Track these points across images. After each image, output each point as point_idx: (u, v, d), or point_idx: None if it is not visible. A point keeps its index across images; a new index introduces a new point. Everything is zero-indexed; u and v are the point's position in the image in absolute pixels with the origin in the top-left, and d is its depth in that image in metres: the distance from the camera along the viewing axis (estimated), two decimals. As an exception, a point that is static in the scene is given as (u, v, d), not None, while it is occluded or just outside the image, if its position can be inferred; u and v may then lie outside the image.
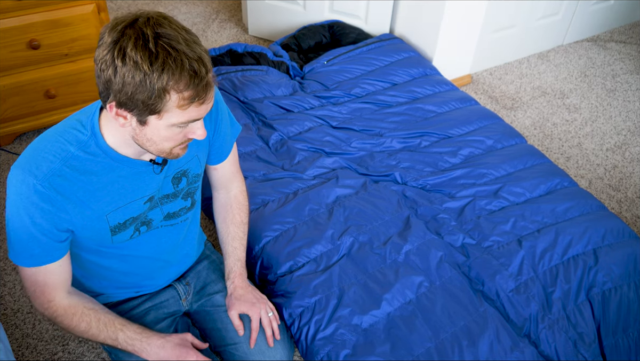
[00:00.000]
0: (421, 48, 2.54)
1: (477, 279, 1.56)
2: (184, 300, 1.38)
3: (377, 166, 1.90)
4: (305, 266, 1.55)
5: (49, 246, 1.06)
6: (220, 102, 1.25)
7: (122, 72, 0.89)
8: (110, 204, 1.09)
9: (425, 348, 1.39)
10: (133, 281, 1.29)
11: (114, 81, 0.91)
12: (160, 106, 0.92)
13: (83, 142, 1.04)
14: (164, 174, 1.16)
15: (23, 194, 1.00)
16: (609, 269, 1.58)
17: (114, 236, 1.14)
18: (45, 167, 1.01)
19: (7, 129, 2.10)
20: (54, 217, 1.03)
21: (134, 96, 0.91)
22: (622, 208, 2.12)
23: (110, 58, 0.90)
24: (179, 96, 0.92)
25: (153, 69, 0.88)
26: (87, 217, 1.07)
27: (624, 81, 2.82)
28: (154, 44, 0.89)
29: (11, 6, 1.83)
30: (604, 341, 1.47)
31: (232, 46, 2.42)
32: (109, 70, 0.90)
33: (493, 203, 1.77)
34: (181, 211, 1.25)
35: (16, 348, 1.56)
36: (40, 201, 1.00)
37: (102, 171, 1.06)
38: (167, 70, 0.89)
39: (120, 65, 0.89)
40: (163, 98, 0.91)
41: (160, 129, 0.97)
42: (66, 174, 1.02)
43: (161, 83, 0.89)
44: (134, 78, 0.89)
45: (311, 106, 2.16)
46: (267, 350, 1.32)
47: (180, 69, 0.89)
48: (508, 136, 2.06)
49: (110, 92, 0.93)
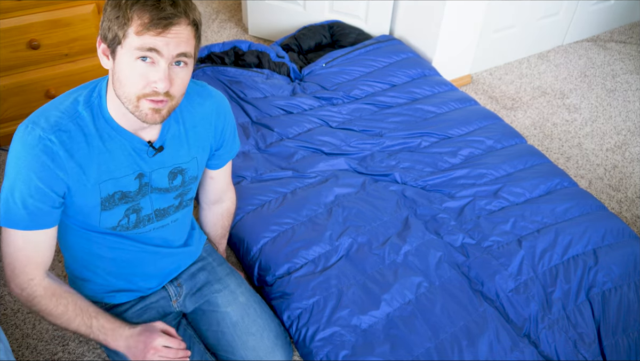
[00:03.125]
0: (421, 48, 2.54)
1: (476, 280, 1.56)
2: (174, 301, 1.37)
3: (376, 166, 1.90)
4: (304, 267, 1.55)
5: (41, 210, 1.06)
6: (229, 113, 1.29)
7: (106, 5, 1.00)
8: (104, 173, 1.10)
9: (424, 349, 1.39)
10: (124, 272, 1.29)
11: (103, 15, 1.01)
12: (123, 31, 0.98)
13: (91, 103, 1.08)
14: (160, 164, 1.16)
15: (27, 144, 1.02)
16: (609, 269, 1.58)
17: (103, 211, 1.13)
18: (53, 120, 1.04)
19: (7, 129, 2.10)
20: (51, 174, 1.04)
21: (109, 24, 0.99)
22: (622, 208, 2.12)
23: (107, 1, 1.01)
24: (139, 22, 0.97)
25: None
26: (82, 182, 1.08)
27: (624, 81, 2.82)
28: None
29: (11, 6, 1.83)
30: (604, 341, 1.47)
31: (236, 43, 2.42)
32: (104, 8, 1.01)
33: (493, 203, 1.77)
34: (169, 209, 1.24)
35: (16, 348, 1.56)
36: (43, 153, 1.03)
37: (102, 137, 1.08)
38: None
39: (110, 1, 1.00)
40: (127, 24, 0.98)
41: (123, 63, 1.00)
42: (72, 131, 1.05)
43: (127, 7, 0.97)
44: (109, 6, 0.99)
45: (310, 107, 2.16)
46: (264, 352, 1.32)
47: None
48: (508, 136, 2.06)
49: (100, 28, 1.02)
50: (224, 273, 1.43)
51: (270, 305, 1.54)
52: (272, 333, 1.37)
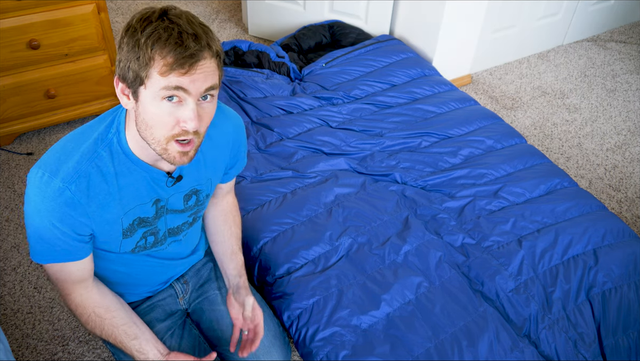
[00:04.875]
0: (421, 48, 2.54)
1: (476, 280, 1.56)
2: (180, 299, 1.38)
3: (376, 166, 1.90)
4: (304, 267, 1.55)
5: (70, 245, 1.06)
6: (243, 133, 1.27)
7: (124, 42, 0.94)
8: (125, 207, 1.09)
9: (424, 349, 1.39)
10: (134, 283, 1.29)
11: (120, 55, 0.95)
12: (145, 72, 0.93)
13: (109, 140, 1.05)
14: (177, 190, 1.16)
15: (47, 197, 1.00)
16: (609, 270, 1.58)
17: (124, 239, 1.14)
18: (72, 168, 1.01)
19: (7, 129, 2.10)
20: (74, 222, 1.03)
21: (128, 64, 0.94)
22: (622, 208, 2.12)
23: (123, 33, 0.95)
24: (162, 62, 0.92)
25: (144, 34, 0.92)
26: (106, 220, 1.07)
27: (624, 81, 2.81)
28: (156, 17, 0.93)
29: (11, 6, 1.83)
30: (604, 341, 1.47)
31: (236, 43, 2.42)
32: (120, 45, 0.95)
33: (493, 203, 1.77)
34: (183, 226, 1.25)
35: (16, 349, 1.56)
36: (64, 205, 1.00)
37: (122, 173, 1.06)
38: (154, 35, 0.92)
39: (124, 36, 0.94)
40: (148, 64, 0.93)
41: (148, 103, 0.96)
42: (92, 175, 1.02)
43: (149, 49, 0.92)
44: (128, 45, 0.93)
45: (310, 107, 2.16)
46: (261, 351, 1.32)
47: (167, 36, 0.92)
48: (508, 136, 2.06)
49: (117, 67, 0.97)
50: None
51: (270, 304, 1.54)
52: (270, 333, 1.37)
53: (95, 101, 2.21)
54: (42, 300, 1.67)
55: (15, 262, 1.78)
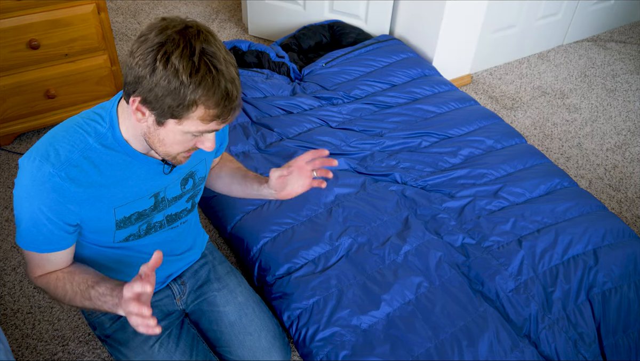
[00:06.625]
0: (421, 48, 2.54)
1: (476, 280, 1.56)
2: (177, 300, 1.38)
3: (376, 166, 1.90)
4: (304, 267, 1.55)
5: (55, 235, 1.07)
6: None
7: (160, 75, 0.92)
8: (120, 199, 1.10)
9: (425, 349, 1.39)
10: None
11: (148, 79, 0.93)
12: (184, 114, 0.95)
13: (101, 134, 1.06)
14: (174, 175, 1.17)
15: (37, 181, 1.01)
16: (609, 270, 1.58)
17: (118, 230, 1.14)
18: (64, 156, 1.02)
19: (7, 129, 2.10)
20: (62, 209, 1.04)
21: (163, 99, 0.93)
22: (622, 208, 2.12)
23: (152, 58, 0.92)
24: (206, 112, 0.94)
25: (191, 80, 0.91)
26: (97, 209, 1.08)
27: (624, 81, 2.81)
28: (198, 58, 0.92)
29: (11, 6, 1.83)
30: (604, 341, 1.47)
31: (236, 43, 2.42)
32: (146, 68, 0.92)
33: (493, 203, 1.77)
34: (182, 213, 1.26)
35: (16, 349, 1.56)
36: (53, 190, 1.01)
37: (116, 165, 1.07)
38: (203, 86, 0.92)
39: (160, 68, 0.91)
40: (190, 109, 0.94)
41: (176, 133, 0.99)
42: (83, 165, 1.04)
43: (194, 96, 0.92)
44: (169, 83, 0.91)
45: (310, 107, 2.16)
46: (261, 352, 1.32)
47: (215, 87, 0.92)
48: (508, 136, 2.06)
49: (138, 87, 0.95)
50: (223, 271, 1.44)
51: (271, 305, 1.54)
52: (269, 333, 1.37)
53: (95, 101, 2.20)
54: (42, 300, 1.67)
55: (15, 262, 1.78)
